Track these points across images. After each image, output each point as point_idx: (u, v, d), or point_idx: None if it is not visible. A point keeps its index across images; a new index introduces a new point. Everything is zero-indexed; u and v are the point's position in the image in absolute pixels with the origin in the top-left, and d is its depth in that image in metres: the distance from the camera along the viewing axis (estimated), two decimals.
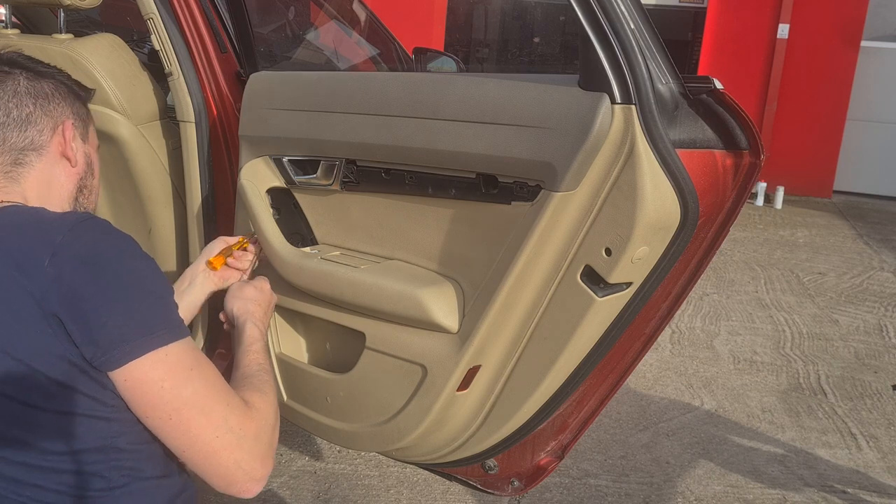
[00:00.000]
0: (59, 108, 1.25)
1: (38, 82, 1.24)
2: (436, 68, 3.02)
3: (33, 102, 1.22)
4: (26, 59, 1.26)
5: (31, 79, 1.23)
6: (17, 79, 1.22)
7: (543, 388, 1.47)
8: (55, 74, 1.28)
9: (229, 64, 1.90)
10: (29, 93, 1.22)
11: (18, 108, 1.21)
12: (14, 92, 1.21)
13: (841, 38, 6.28)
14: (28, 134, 1.20)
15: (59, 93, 1.26)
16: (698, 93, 1.24)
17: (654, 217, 1.25)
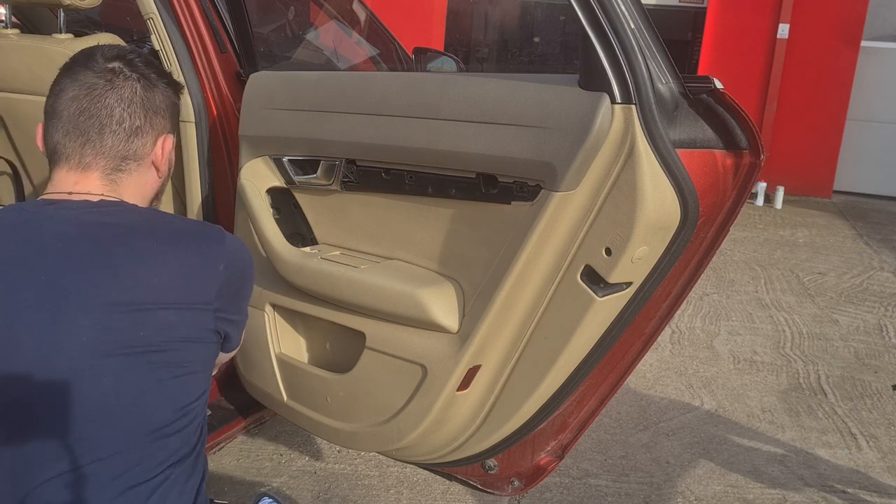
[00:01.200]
0: (163, 122, 1.27)
1: (152, 93, 1.25)
2: (436, 68, 3.02)
3: (144, 115, 1.23)
4: (144, 63, 1.26)
5: (146, 88, 1.24)
6: (133, 86, 1.23)
7: (543, 387, 1.47)
8: (165, 85, 1.29)
9: (229, 64, 1.90)
10: (143, 104, 1.23)
11: (131, 118, 1.22)
12: (130, 101, 1.22)
13: (841, 38, 6.28)
14: (134, 145, 1.22)
15: (165, 105, 1.28)
16: (698, 92, 1.24)
17: (655, 217, 1.25)
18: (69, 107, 1.19)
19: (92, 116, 1.19)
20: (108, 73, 1.22)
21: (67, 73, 1.23)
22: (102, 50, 1.24)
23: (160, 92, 1.26)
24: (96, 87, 1.20)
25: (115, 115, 1.20)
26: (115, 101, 1.20)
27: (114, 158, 1.21)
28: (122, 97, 1.21)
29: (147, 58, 1.28)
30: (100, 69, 1.22)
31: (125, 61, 1.24)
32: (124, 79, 1.22)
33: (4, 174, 2.31)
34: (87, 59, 1.23)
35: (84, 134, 1.18)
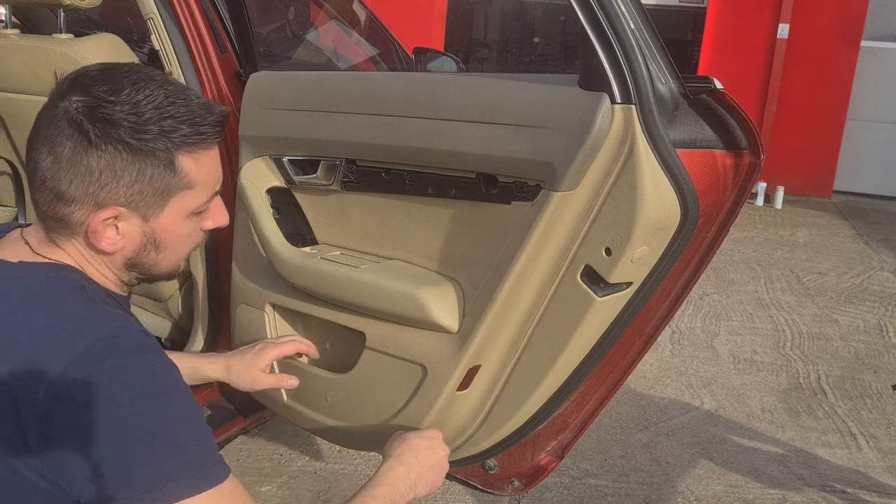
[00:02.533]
0: (103, 193, 1.01)
1: (89, 155, 0.98)
2: (436, 68, 3.02)
3: (70, 179, 0.99)
4: (114, 106, 0.99)
5: (83, 147, 0.99)
6: (70, 140, 0.99)
7: (543, 387, 1.47)
8: (122, 146, 0.99)
9: (229, 64, 1.90)
10: (69, 166, 0.99)
11: (53, 179, 1.00)
12: (56, 158, 0.99)
13: (841, 38, 6.28)
14: (59, 210, 1.02)
15: (110, 173, 1.00)
16: (698, 92, 1.24)
17: (655, 217, 1.25)
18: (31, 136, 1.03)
19: (29, 160, 1.02)
20: (55, 112, 0.99)
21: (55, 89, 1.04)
22: (83, 77, 1.02)
23: (106, 155, 0.98)
24: (40, 124, 1.01)
25: (39, 168, 1.00)
26: (43, 153, 1.00)
27: (44, 218, 1.03)
28: (52, 150, 0.99)
29: (130, 99, 0.99)
30: (55, 102, 1.00)
31: (88, 100, 0.98)
32: (67, 126, 0.98)
33: (4, 174, 2.31)
34: (64, 81, 1.02)
35: (32, 191, 1.04)
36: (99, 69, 1.04)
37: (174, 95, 1.03)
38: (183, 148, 1.03)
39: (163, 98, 1.01)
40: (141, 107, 0.99)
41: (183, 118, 1.02)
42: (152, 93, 1.01)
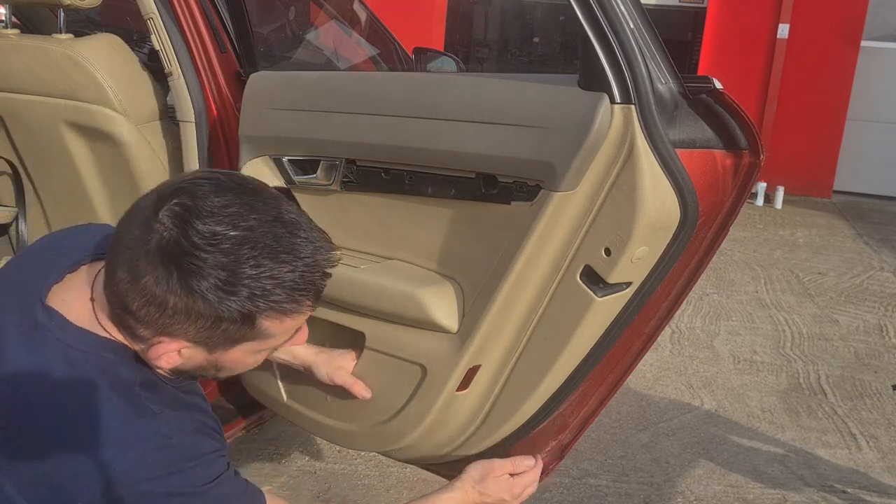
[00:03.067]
0: (180, 328, 0.95)
1: (177, 297, 0.91)
2: (436, 68, 3.02)
3: (146, 306, 0.93)
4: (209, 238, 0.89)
5: (173, 289, 0.91)
6: (159, 274, 0.90)
7: (543, 387, 1.47)
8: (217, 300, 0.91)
9: (229, 64, 1.90)
10: (151, 294, 0.92)
11: (131, 299, 0.94)
12: (142, 284, 0.92)
13: (841, 38, 6.28)
14: (124, 318, 0.98)
15: (197, 314, 0.93)
16: (698, 93, 1.24)
17: (654, 217, 1.24)
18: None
19: (109, 256, 0.97)
20: (146, 231, 0.91)
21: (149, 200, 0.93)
22: (188, 197, 0.90)
23: (184, 300, 0.91)
24: (128, 230, 0.94)
25: (116, 275, 0.94)
26: (123, 266, 0.94)
27: (111, 305, 0.98)
28: (132, 269, 0.92)
29: (228, 250, 0.90)
30: (151, 215, 0.91)
31: (182, 241, 0.89)
32: (152, 255, 0.90)
33: (4, 174, 2.31)
34: (167, 190, 0.93)
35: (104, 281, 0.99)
36: (208, 193, 0.91)
37: (284, 248, 0.92)
38: (269, 312, 0.94)
39: (267, 255, 0.91)
40: (238, 264, 0.90)
41: (282, 283, 0.92)
42: (258, 243, 0.90)
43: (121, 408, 0.97)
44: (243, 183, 0.95)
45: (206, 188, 0.91)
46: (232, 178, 0.95)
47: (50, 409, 0.97)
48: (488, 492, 1.42)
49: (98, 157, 2.06)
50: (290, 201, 0.99)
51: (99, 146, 2.03)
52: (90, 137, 2.03)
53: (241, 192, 0.93)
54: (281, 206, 0.95)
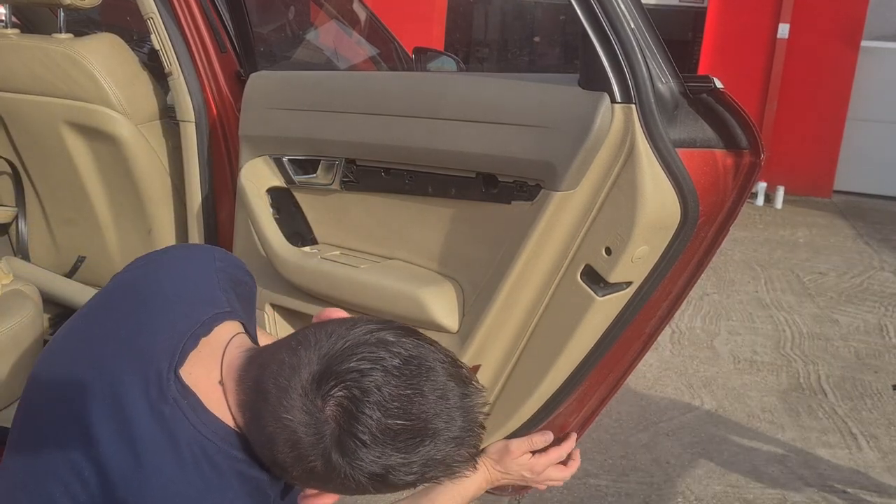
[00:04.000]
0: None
1: (354, 482, 0.90)
2: (436, 68, 3.02)
3: (300, 475, 0.92)
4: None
5: (332, 479, 0.91)
6: (321, 462, 0.89)
7: (543, 387, 1.47)
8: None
9: (229, 63, 1.90)
10: (309, 472, 0.91)
11: (284, 458, 0.91)
12: (304, 464, 0.90)
13: (841, 38, 6.27)
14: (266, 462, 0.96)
15: (352, 490, 0.93)
16: (698, 92, 1.23)
17: (655, 216, 1.24)
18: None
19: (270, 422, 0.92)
20: (311, 411, 0.88)
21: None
22: (367, 401, 0.88)
23: (339, 482, 0.91)
24: (289, 397, 0.90)
25: (277, 442, 0.91)
26: (286, 442, 0.90)
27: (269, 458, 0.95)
28: (295, 447, 0.89)
29: (401, 459, 0.89)
30: (314, 392, 0.89)
31: (347, 444, 0.88)
32: (316, 445, 0.89)
33: (4, 174, 2.31)
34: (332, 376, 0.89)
35: None
36: (375, 381, 0.88)
37: (450, 431, 0.91)
38: None
39: (436, 441, 0.90)
40: (408, 454, 0.89)
41: (445, 461, 0.92)
42: (426, 430, 0.90)
43: None
44: (410, 357, 0.92)
45: (375, 376, 0.89)
46: (397, 350, 0.92)
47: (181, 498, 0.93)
48: (509, 470, 1.47)
49: (98, 156, 2.06)
50: (451, 360, 0.95)
51: (99, 146, 2.03)
52: (90, 137, 2.02)
53: (408, 374, 0.90)
54: (444, 379, 0.93)
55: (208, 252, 1.16)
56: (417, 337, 0.95)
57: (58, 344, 1.07)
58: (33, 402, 1.03)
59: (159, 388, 0.94)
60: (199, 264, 1.12)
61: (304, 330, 0.96)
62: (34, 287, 1.94)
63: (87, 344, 1.02)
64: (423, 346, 0.94)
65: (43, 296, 1.97)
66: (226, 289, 1.08)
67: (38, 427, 0.99)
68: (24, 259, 2.30)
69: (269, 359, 0.94)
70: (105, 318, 1.04)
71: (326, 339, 0.92)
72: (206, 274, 1.10)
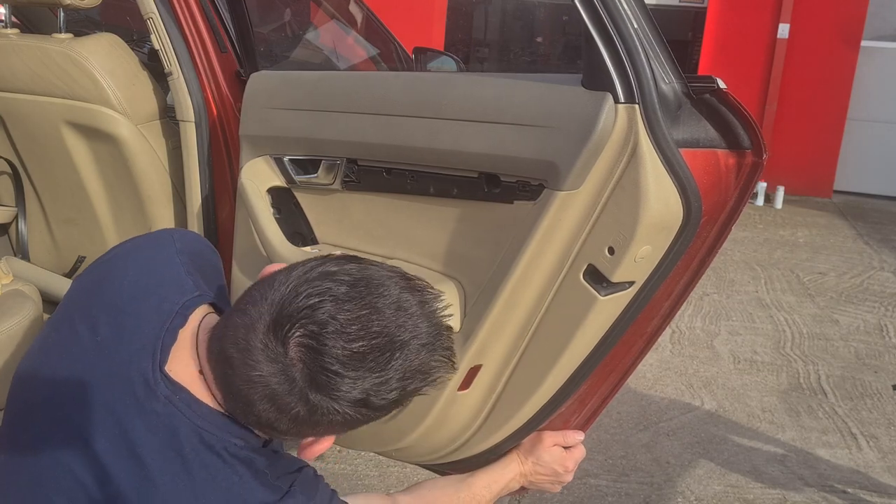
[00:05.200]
0: (325, 433, 0.98)
1: (324, 421, 0.92)
2: (436, 68, 3.02)
3: (294, 428, 0.94)
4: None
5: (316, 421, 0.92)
6: (300, 407, 0.90)
7: (545, 387, 1.47)
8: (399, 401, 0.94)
9: (229, 63, 1.90)
10: (299, 422, 0.92)
11: (278, 423, 0.93)
12: (289, 416, 0.91)
13: (841, 38, 6.28)
14: (264, 430, 0.97)
15: (342, 427, 0.95)
16: (701, 92, 1.23)
17: (658, 216, 1.24)
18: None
19: (242, 382, 0.92)
20: (274, 354, 0.89)
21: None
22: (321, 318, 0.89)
23: (328, 422, 0.92)
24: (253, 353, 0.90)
25: (254, 403, 0.92)
26: (262, 397, 0.91)
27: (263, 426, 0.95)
28: (275, 402, 0.91)
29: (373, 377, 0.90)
30: (273, 333, 0.89)
31: (316, 371, 0.88)
32: (289, 386, 0.89)
33: (4, 174, 2.31)
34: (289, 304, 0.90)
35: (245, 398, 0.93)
36: (330, 312, 0.89)
37: (416, 339, 0.92)
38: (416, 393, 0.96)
39: (403, 353, 0.91)
40: (383, 372, 0.90)
41: (423, 370, 0.94)
42: (392, 344, 0.90)
43: (266, 495, 0.96)
44: (356, 280, 0.92)
45: (326, 307, 0.89)
46: (342, 277, 0.92)
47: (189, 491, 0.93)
48: (541, 461, 1.47)
49: (98, 156, 2.06)
50: (401, 274, 0.96)
51: (99, 146, 2.03)
52: (90, 137, 2.02)
53: (358, 296, 0.90)
54: (397, 291, 0.93)
55: (166, 236, 1.14)
56: (359, 261, 0.95)
57: (35, 358, 1.05)
58: (18, 416, 1.02)
59: (147, 387, 0.94)
60: (161, 252, 1.11)
61: (249, 290, 0.95)
62: (34, 287, 1.94)
63: (66, 357, 1.01)
64: (369, 268, 0.95)
65: (43, 296, 1.97)
66: (191, 271, 1.08)
67: (31, 441, 0.98)
68: (24, 259, 2.30)
69: (224, 327, 0.94)
70: (80, 326, 1.03)
71: (270, 289, 0.92)
72: (169, 260, 1.09)
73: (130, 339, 0.98)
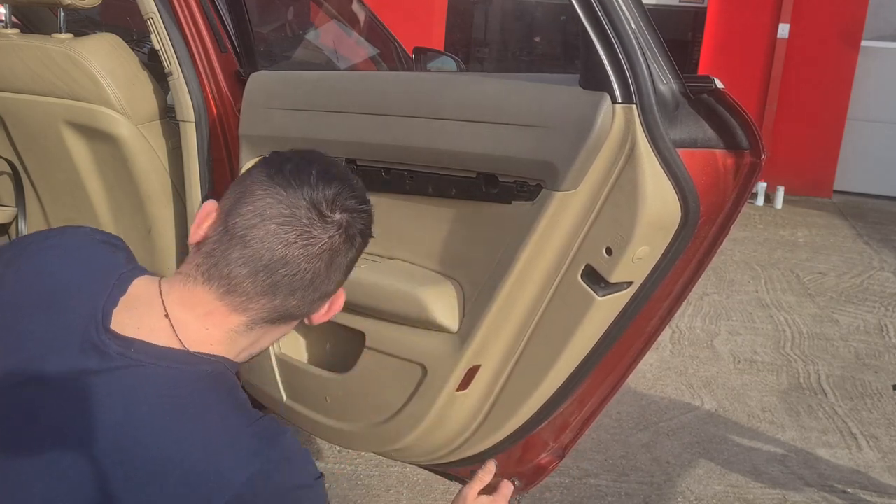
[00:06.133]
0: (341, 279, 1.03)
1: (352, 246, 1.00)
2: (436, 68, 3.02)
3: (339, 281, 1.02)
4: (365, 219, 1.02)
5: (349, 239, 0.99)
6: (350, 253, 1.00)
7: (544, 387, 1.47)
8: (368, 233, 1.04)
9: (229, 63, 1.90)
10: (346, 269, 1.01)
11: (328, 284, 1.00)
12: (339, 268, 1.00)
13: (841, 38, 6.28)
14: (314, 307, 1.02)
15: (355, 258, 1.03)
16: (699, 92, 1.23)
17: (655, 216, 1.24)
18: (271, 245, 0.95)
19: (296, 275, 0.97)
20: (334, 230, 0.97)
21: (278, 190, 0.98)
22: (323, 184, 0.99)
23: (357, 251, 1.02)
24: (315, 242, 0.96)
25: (317, 280, 0.98)
26: (325, 266, 0.98)
27: (276, 312, 1.00)
28: (338, 265, 0.99)
29: (367, 213, 1.03)
30: (322, 217, 0.97)
31: (351, 213, 0.99)
32: (346, 243, 0.99)
33: (4, 174, 2.31)
34: (311, 186, 0.98)
35: (273, 289, 0.97)
36: (337, 177, 1.03)
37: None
38: None
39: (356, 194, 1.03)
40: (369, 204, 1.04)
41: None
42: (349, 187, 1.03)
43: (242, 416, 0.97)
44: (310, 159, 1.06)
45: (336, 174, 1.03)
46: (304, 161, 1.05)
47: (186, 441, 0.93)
48: None
49: (98, 156, 2.06)
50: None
51: (99, 146, 2.03)
52: (90, 137, 2.02)
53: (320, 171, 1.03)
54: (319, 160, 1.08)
55: (83, 229, 1.15)
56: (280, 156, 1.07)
57: None
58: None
59: (96, 350, 0.94)
60: (81, 240, 1.11)
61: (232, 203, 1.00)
62: None
63: (13, 356, 0.99)
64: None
65: None
66: (116, 252, 1.08)
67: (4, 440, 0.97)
68: None
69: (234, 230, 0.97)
70: (18, 325, 1.01)
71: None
72: (92, 247, 1.09)
73: (70, 321, 0.98)
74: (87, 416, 0.92)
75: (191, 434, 0.92)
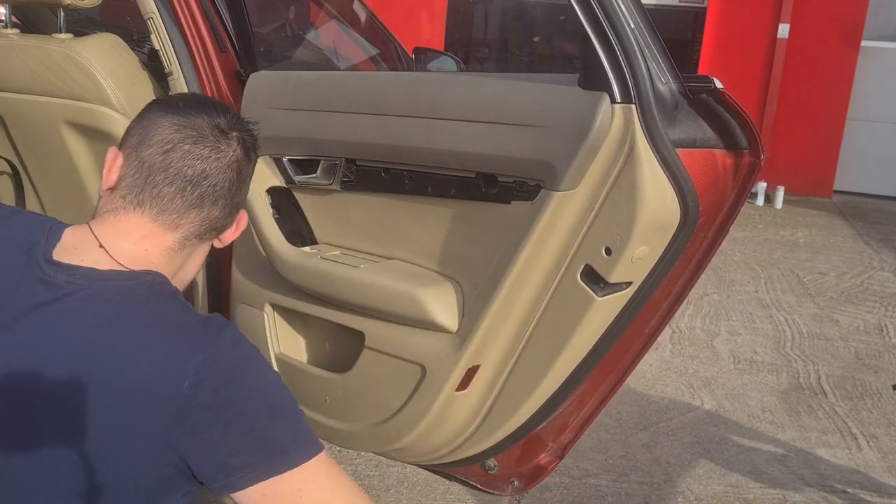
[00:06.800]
0: (245, 191, 1.16)
1: (249, 160, 1.14)
2: (436, 68, 3.02)
3: (241, 184, 1.14)
4: (244, 123, 1.16)
5: (246, 152, 1.14)
6: (236, 150, 1.12)
7: (543, 387, 1.47)
8: (257, 150, 1.18)
9: (229, 63, 1.90)
10: (247, 181, 1.15)
11: (240, 192, 1.14)
12: (245, 179, 1.15)
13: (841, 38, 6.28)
14: (224, 213, 1.13)
15: (251, 173, 1.17)
16: (698, 92, 1.23)
17: (654, 216, 1.24)
18: (191, 162, 1.07)
19: (217, 185, 1.09)
20: (235, 144, 1.12)
21: (179, 119, 1.09)
22: (216, 111, 1.13)
23: (253, 157, 1.17)
24: (225, 154, 1.10)
25: (233, 188, 1.12)
26: (236, 176, 1.11)
27: (204, 224, 1.11)
28: (244, 175, 1.14)
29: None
30: (223, 138, 1.10)
31: (243, 132, 1.14)
32: (228, 140, 1.11)
33: (4, 174, 2.31)
34: (208, 113, 1.11)
35: (200, 200, 1.09)
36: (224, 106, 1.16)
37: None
38: None
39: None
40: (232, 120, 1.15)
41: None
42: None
43: (191, 313, 1.08)
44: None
45: (206, 107, 1.13)
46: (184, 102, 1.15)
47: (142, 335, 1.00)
48: None
49: (98, 156, 2.06)
50: None
51: (99, 146, 2.03)
52: (90, 137, 2.02)
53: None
54: None
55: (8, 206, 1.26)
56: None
57: None
58: None
59: (43, 284, 1.01)
60: (8, 209, 1.21)
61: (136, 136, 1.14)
62: None
63: None
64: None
65: None
66: (43, 216, 1.18)
67: None
68: None
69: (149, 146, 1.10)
70: None
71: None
72: (19, 212, 1.19)
73: (9, 269, 1.04)
74: (48, 343, 0.98)
75: (148, 330, 1.00)
